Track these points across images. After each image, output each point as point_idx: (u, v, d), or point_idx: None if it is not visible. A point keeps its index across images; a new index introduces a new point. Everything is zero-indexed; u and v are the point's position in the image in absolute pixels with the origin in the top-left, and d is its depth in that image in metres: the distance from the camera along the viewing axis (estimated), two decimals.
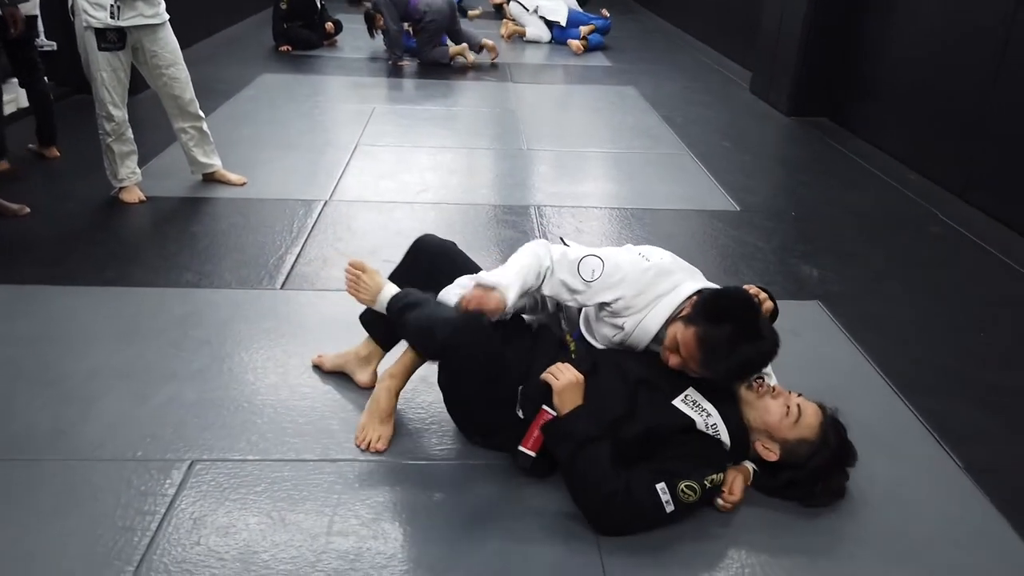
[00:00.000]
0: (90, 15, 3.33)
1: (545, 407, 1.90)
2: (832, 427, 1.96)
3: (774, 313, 2.12)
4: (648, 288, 1.99)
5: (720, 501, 1.91)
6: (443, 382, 2.07)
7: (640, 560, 1.80)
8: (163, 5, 3.53)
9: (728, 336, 1.83)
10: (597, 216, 3.88)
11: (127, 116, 3.60)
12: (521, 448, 1.92)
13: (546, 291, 2.06)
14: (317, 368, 2.45)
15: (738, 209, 3.98)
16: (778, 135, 5.46)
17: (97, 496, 1.90)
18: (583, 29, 8.18)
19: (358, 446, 2.11)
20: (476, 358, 1.93)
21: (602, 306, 2.05)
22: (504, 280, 1.98)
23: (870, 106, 5.14)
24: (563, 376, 1.88)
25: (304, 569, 1.73)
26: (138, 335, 2.60)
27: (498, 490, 1.99)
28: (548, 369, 1.89)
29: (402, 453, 2.11)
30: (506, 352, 1.99)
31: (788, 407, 1.93)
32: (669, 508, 1.80)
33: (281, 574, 1.71)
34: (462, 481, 2.02)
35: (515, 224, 3.70)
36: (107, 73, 3.44)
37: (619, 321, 2.03)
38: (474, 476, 2.03)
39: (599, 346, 2.13)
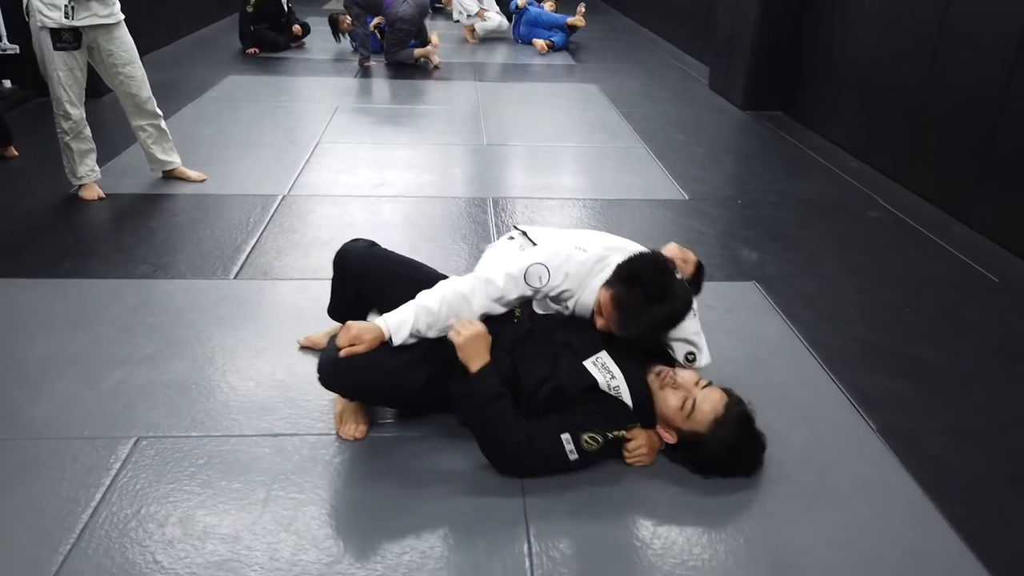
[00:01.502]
0: (45, 15, 3.39)
1: None
2: (732, 422, 1.98)
3: (699, 266, 2.26)
4: (588, 275, 2.15)
5: (625, 454, 2.03)
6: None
7: (558, 505, 1.93)
8: (118, 5, 3.60)
9: (640, 298, 1.96)
10: (550, 207, 3.98)
11: (84, 115, 3.66)
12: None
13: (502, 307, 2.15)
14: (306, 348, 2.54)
15: (687, 198, 4.11)
16: (732, 128, 5.59)
17: (43, 472, 1.98)
18: (538, 43, 8.24)
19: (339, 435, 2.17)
20: (378, 386, 2.05)
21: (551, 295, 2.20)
22: (393, 321, 2.04)
23: (819, 99, 5.29)
24: (465, 330, 1.97)
25: (241, 532, 1.82)
26: (92, 323, 2.68)
27: (432, 457, 2.09)
28: (453, 326, 1.99)
29: None
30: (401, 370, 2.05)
31: (684, 400, 2.00)
32: (573, 457, 1.94)
33: (218, 537, 1.80)
34: (399, 451, 2.11)
35: (471, 215, 3.80)
36: (63, 72, 3.51)
37: (564, 301, 2.20)
38: (410, 446, 2.13)
39: (542, 312, 2.26)
